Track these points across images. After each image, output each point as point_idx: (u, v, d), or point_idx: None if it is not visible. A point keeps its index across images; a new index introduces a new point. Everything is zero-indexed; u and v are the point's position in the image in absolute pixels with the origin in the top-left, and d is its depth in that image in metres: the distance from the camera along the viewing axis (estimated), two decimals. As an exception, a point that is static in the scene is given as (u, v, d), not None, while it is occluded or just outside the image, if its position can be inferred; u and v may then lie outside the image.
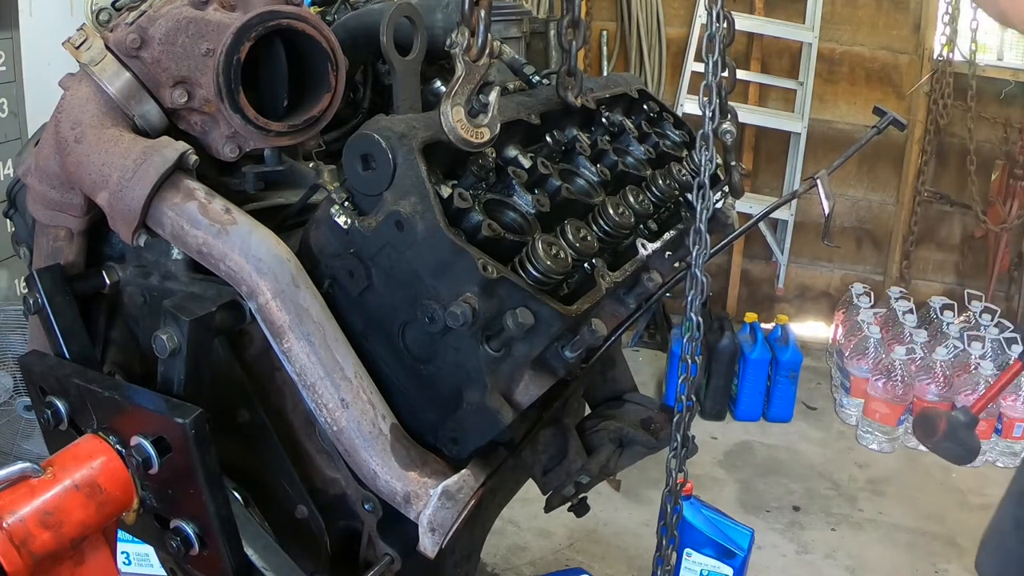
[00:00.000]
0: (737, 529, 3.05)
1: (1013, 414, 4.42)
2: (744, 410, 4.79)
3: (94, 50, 1.48)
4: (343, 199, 1.35)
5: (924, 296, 5.35)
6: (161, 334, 1.39)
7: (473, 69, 1.37)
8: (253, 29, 1.44)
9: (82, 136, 1.46)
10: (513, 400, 1.35)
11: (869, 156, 5.46)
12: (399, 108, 1.70)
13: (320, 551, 1.60)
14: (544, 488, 1.76)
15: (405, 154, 1.30)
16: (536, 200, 1.40)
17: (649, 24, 5.38)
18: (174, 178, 1.42)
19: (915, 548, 3.81)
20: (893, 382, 4.48)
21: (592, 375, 1.94)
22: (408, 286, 1.33)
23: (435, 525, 1.37)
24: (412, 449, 1.40)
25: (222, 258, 1.40)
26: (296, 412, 1.56)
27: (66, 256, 1.60)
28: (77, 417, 1.48)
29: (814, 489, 4.20)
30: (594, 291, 1.41)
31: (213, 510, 1.36)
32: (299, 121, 1.53)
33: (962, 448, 2.52)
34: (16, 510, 1.24)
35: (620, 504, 3.88)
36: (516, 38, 2.18)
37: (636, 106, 1.93)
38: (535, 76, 1.86)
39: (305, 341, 1.37)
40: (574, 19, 1.62)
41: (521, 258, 1.31)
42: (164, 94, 1.49)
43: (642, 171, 1.70)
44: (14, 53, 3.84)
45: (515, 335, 1.26)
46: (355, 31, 1.77)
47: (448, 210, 1.30)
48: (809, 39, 5.24)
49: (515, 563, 3.56)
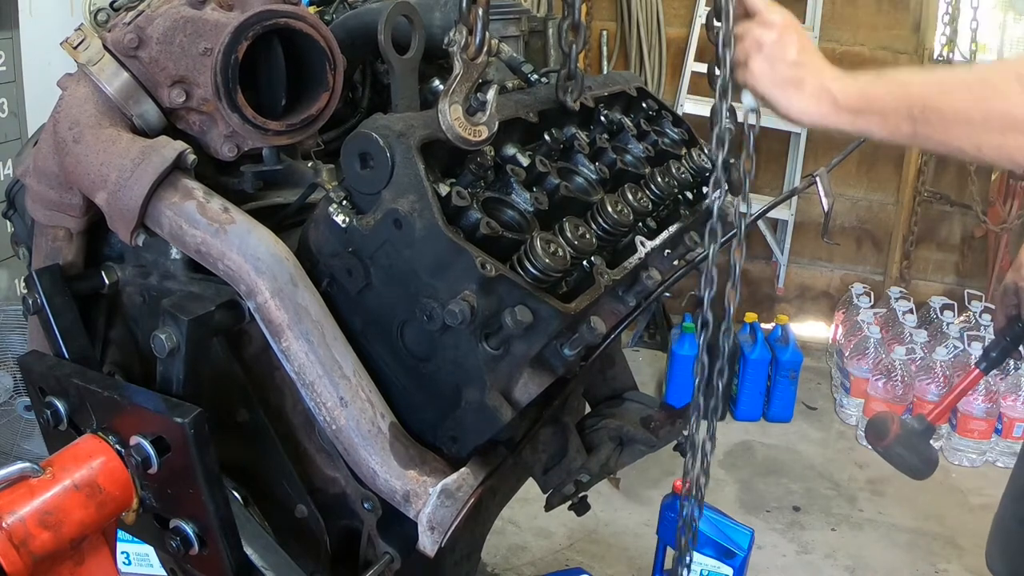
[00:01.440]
0: (737, 529, 3.05)
1: (1013, 414, 4.41)
2: (744, 410, 4.79)
3: (92, 50, 1.48)
4: (341, 198, 1.35)
5: (924, 296, 5.35)
6: (160, 333, 1.38)
7: (471, 67, 1.37)
8: (251, 28, 1.44)
9: (80, 136, 1.46)
10: (512, 398, 1.35)
11: (869, 156, 5.46)
12: (397, 107, 1.70)
13: (320, 550, 1.60)
14: (544, 487, 1.76)
15: (403, 152, 1.30)
16: (534, 198, 1.40)
17: (649, 24, 5.38)
18: (172, 177, 1.43)
19: (915, 548, 3.80)
20: (893, 382, 4.47)
21: (592, 374, 1.94)
22: (407, 284, 1.33)
23: (434, 524, 1.37)
24: (411, 448, 1.40)
25: (220, 257, 1.40)
26: (295, 411, 1.56)
27: (65, 256, 1.60)
28: (76, 417, 1.47)
29: (814, 489, 4.19)
30: (593, 289, 1.41)
31: (212, 510, 1.36)
32: (297, 120, 1.53)
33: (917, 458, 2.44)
34: (16, 510, 1.24)
35: (620, 504, 3.87)
36: (514, 37, 2.18)
37: (635, 104, 1.93)
38: (533, 74, 1.86)
39: (304, 340, 1.37)
40: (575, 22, 1.62)
41: (520, 256, 1.31)
42: (162, 94, 1.50)
43: (641, 169, 1.70)
44: (14, 53, 3.83)
45: (514, 333, 1.26)
46: (353, 30, 1.77)
47: (446, 208, 1.30)
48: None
49: (515, 563, 3.56)
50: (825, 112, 1.49)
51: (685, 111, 5.04)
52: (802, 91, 1.49)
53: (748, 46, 1.50)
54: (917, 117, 1.41)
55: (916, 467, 2.49)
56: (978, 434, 4.41)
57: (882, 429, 2.49)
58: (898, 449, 2.47)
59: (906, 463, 2.48)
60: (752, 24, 1.51)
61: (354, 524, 1.59)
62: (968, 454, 4.44)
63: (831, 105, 1.48)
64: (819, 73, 1.49)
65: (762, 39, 1.49)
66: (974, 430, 4.41)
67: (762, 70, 1.49)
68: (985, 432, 4.42)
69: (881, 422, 2.53)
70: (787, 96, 1.50)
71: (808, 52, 1.51)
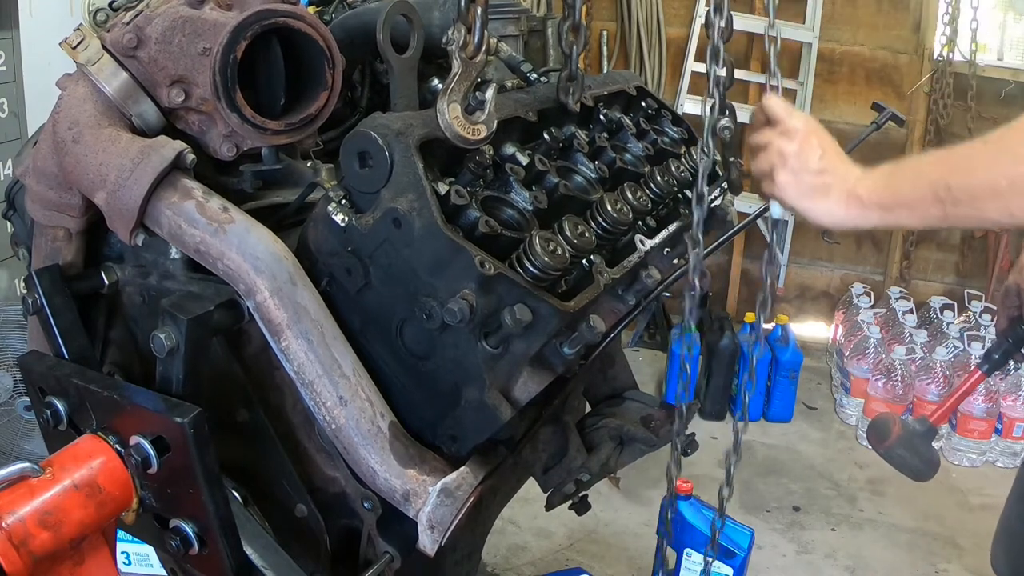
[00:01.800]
0: (737, 529, 3.04)
1: (1013, 414, 4.41)
2: (744, 410, 4.78)
3: (91, 50, 1.48)
4: (340, 197, 1.35)
5: (924, 296, 5.34)
6: (159, 333, 1.38)
7: (469, 66, 1.37)
8: (249, 27, 1.44)
9: (80, 136, 1.46)
10: (512, 397, 1.35)
11: (869, 156, 5.37)
12: (396, 106, 1.70)
13: (320, 550, 1.60)
14: (545, 486, 1.76)
15: (402, 151, 1.30)
16: (534, 197, 1.40)
17: (649, 24, 5.38)
18: (171, 177, 1.43)
19: (915, 548, 3.80)
20: (893, 382, 4.47)
21: (592, 373, 1.94)
22: (406, 283, 1.33)
23: (434, 523, 1.37)
24: (411, 447, 1.40)
25: (220, 256, 1.40)
26: (295, 411, 1.56)
27: (64, 256, 1.60)
28: (76, 417, 1.47)
29: (814, 489, 4.19)
30: (592, 287, 1.41)
31: (212, 509, 1.36)
32: (296, 119, 1.54)
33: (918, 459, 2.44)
34: (15, 510, 1.24)
35: (620, 504, 3.87)
36: (513, 36, 2.18)
37: (634, 103, 1.93)
38: (532, 74, 1.86)
39: (303, 339, 1.37)
40: (575, 24, 1.62)
41: (519, 255, 1.31)
42: (161, 93, 1.50)
43: (640, 168, 1.70)
44: (14, 53, 3.83)
45: (513, 331, 1.26)
46: (353, 30, 1.77)
47: (445, 207, 1.30)
48: (809, 39, 5.24)
49: (515, 563, 3.56)
50: (854, 215, 1.50)
51: (685, 111, 5.04)
52: (829, 198, 1.50)
53: (772, 158, 1.51)
54: (945, 199, 1.40)
55: (918, 469, 2.48)
56: (978, 434, 4.41)
57: (884, 431, 2.49)
58: (900, 451, 2.47)
59: (908, 465, 2.48)
60: (774, 134, 1.52)
61: (354, 524, 1.59)
62: (968, 454, 4.43)
63: (859, 207, 1.49)
64: (844, 178, 1.50)
65: (785, 150, 1.50)
66: (974, 430, 4.40)
67: (788, 182, 1.51)
68: (985, 432, 4.41)
69: (883, 424, 2.52)
70: (815, 205, 1.51)
71: (830, 156, 1.52)
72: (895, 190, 1.47)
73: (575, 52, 1.65)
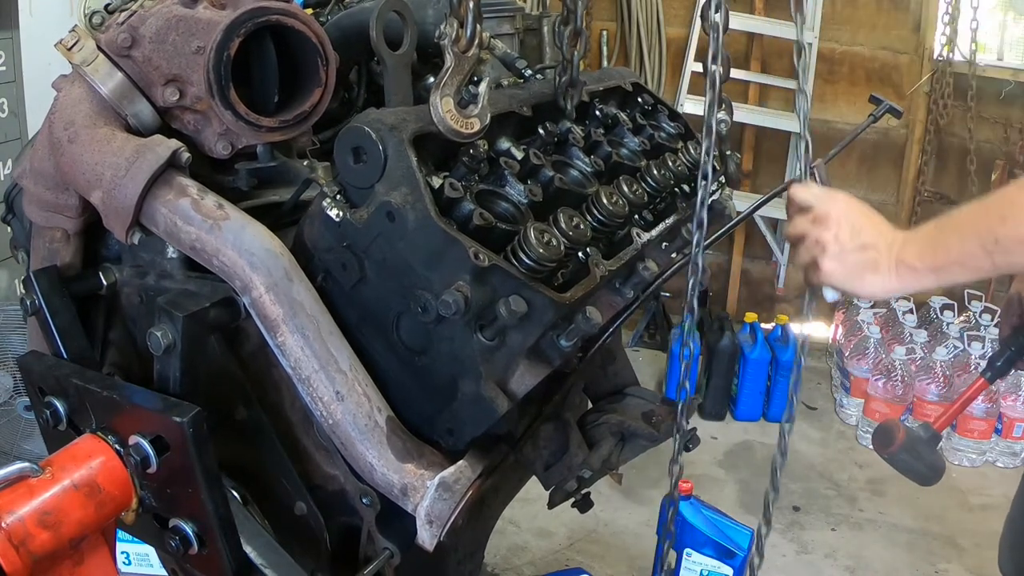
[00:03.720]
0: (737, 529, 3.04)
1: (1013, 414, 4.40)
2: (744, 410, 4.78)
3: (86, 51, 1.49)
4: (335, 192, 1.35)
5: (924, 296, 5.34)
6: (155, 330, 1.39)
7: (462, 60, 1.37)
8: (242, 25, 1.45)
9: (75, 136, 1.46)
10: (508, 390, 1.35)
11: (869, 156, 5.45)
12: (390, 102, 1.71)
13: (320, 548, 1.60)
14: (546, 483, 1.75)
15: (395, 145, 1.31)
16: (529, 190, 1.40)
17: (649, 24, 5.38)
18: (167, 175, 1.43)
19: (915, 548, 3.79)
20: (893, 382, 4.47)
21: (592, 370, 1.94)
22: (401, 277, 1.33)
23: (433, 517, 1.37)
24: (408, 441, 1.40)
25: (215, 253, 1.40)
26: (294, 408, 1.56)
27: (63, 258, 1.60)
28: (76, 417, 1.47)
29: (814, 489, 4.18)
30: (588, 279, 1.41)
31: (212, 509, 1.36)
32: (290, 116, 1.54)
33: (923, 464, 2.45)
34: (15, 510, 1.24)
35: (620, 504, 3.87)
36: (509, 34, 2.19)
37: (630, 99, 1.94)
38: (528, 71, 1.86)
39: (299, 334, 1.37)
40: (576, 29, 1.62)
41: (513, 247, 1.31)
42: (156, 93, 1.50)
43: (636, 162, 1.70)
44: (14, 53, 3.84)
45: (508, 323, 1.26)
46: (348, 29, 1.78)
47: (439, 200, 1.30)
48: (809, 39, 5.23)
49: (515, 563, 3.55)
50: (907, 283, 1.49)
51: (685, 111, 5.04)
52: (879, 272, 1.49)
53: (812, 249, 1.51)
54: (992, 251, 1.39)
55: (923, 474, 2.49)
56: (978, 434, 4.40)
57: (888, 437, 2.50)
58: (904, 456, 2.48)
59: (913, 470, 2.49)
60: (807, 223, 1.52)
61: (354, 521, 1.58)
62: (968, 454, 4.43)
63: (910, 274, 1.47)
64: (888, 249, 1.48)
65: (822, 238, 1.50)
66: (974, 430, 4.40)
67: (833, 268, 1.50)
68: (985, 432, 4.41)
69: (887, 430, 2.54)
70: (865, 283, 1.50)
71: (869, 231, 1.50)
72: (944, 250, 1.45)
73: (576, 58, 1.65)
